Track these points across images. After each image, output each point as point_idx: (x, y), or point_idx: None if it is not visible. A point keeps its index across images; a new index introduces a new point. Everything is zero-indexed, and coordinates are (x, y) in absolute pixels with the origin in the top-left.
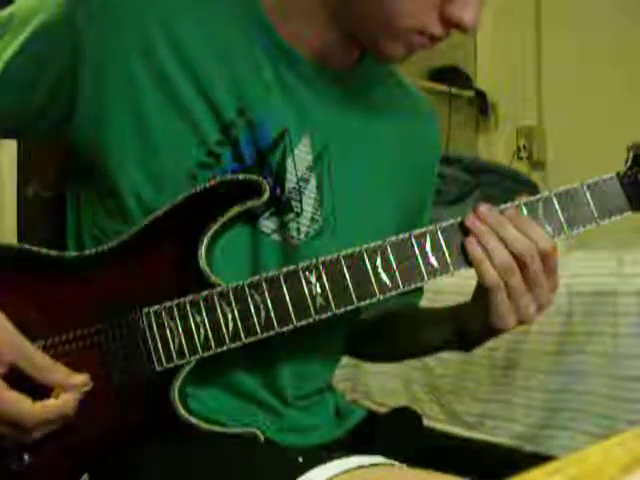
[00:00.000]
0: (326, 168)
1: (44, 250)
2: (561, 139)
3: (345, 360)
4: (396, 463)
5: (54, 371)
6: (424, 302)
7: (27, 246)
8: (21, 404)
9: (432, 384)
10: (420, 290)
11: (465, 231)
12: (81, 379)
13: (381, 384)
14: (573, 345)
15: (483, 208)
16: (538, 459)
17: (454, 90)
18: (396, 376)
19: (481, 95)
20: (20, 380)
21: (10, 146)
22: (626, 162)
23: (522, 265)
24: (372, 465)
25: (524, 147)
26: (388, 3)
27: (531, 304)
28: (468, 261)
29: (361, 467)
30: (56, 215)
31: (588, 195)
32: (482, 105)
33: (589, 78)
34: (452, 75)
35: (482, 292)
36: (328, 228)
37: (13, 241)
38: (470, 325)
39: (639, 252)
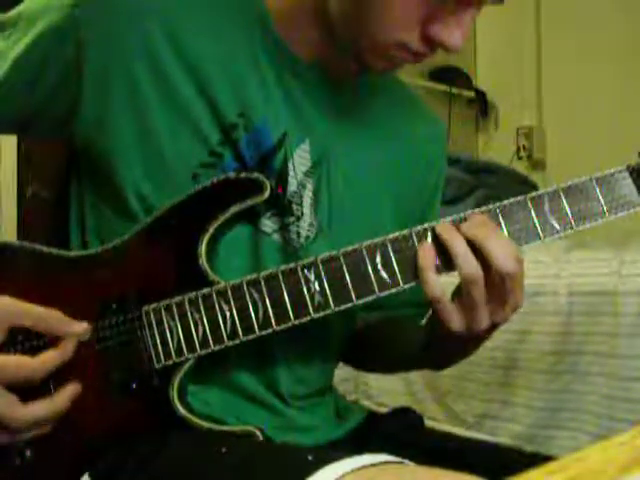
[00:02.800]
0: (325, 173)
1: (45, 248)
2: (561, 139)
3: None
4: (407, 462)
5: (54, 317)
6: None
7: (27, 244)
8: (22, 361)
9: (432, 384)
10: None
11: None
12: (83, 327)
13: (381, 384)
14: (573, 345)
15: (476, 218)
16: (538, 459)
17: (454, 90)
18: (396, 376)
19: (481, 95)
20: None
21: (10, 146)
22: (639, 155)
23: (499, 281)
24: (383, 463)
25: (524, 147)
26: (370, 16)
27: (486, 314)
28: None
29: (372, 465)
30: (56, 215)
31: (597, 189)
32: (482, 105)
33: (589, 78)
34: (452, 75)
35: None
36: (322, 233)
37: (25, 242)
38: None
39: (639, 252)
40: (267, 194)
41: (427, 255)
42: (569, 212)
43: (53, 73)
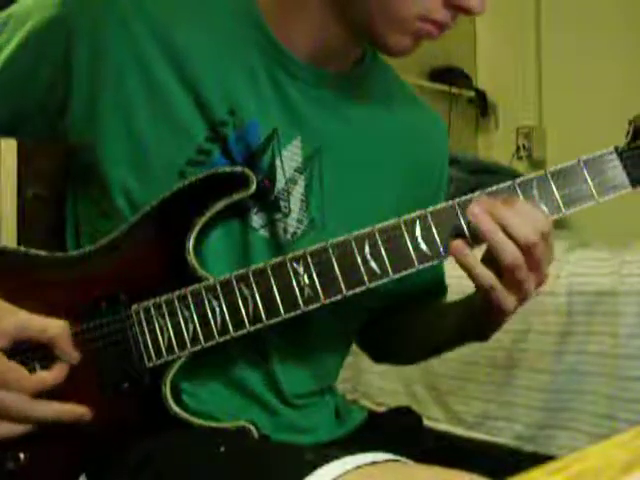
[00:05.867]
0: (317, 170)
1: (32, 250)
2: (561, 139)
3: (345, 360)
4: (408, 461)
5: (54, 327)
6: None
7: (14, 246)
8: (25, 377)
9: (432, 384)
10: (443, 290)
11: (457, 215)
12: (75, 356)
13: (381, 384)
14: (573, 345)
15: (483, 200)
16: (538, 459)
17: (454, 90)
18: (396, 376)
19: (481, 95)
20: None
21: (10, 146)
22: (626, 136)
23: (527, 252)
24: (383, 462)
25: (524, 147)
26: None
27: (532, 284)
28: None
29: (372, 464)
30: (56, 215)
31: (585, 172)
32: (482, 105)
33: (589, 78)
34: (452, 75)
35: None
36: (314, 230)
37: (13, 241)
38: (477, 312)
39: (639, 252)
40: (253, 188)
41: (464, 252)
42: (558, 196)
43: (44, 71)
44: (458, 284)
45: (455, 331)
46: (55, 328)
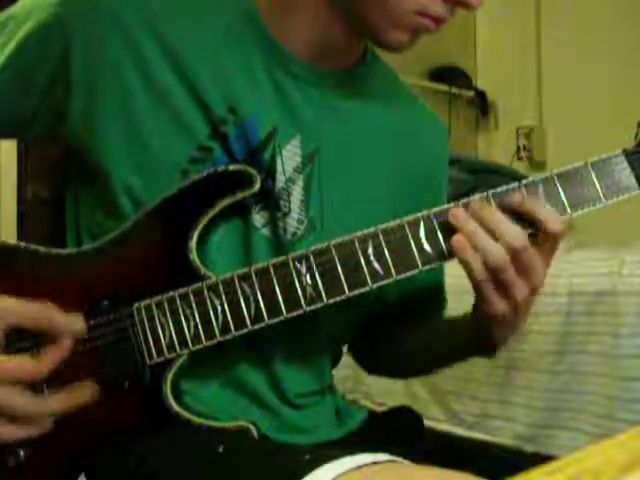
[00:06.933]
0: (316, 170)
1: (34, 246)
2: (561, 139)
3: (345, 360)
4: (405, 461)
5: (53, 314)
6: None
7: (16, 242)
8: (23, 362)
9: (432, 384)
10: (443, 302)
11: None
12: (81, 325)
13: (381, 384)
14: (573, 345)
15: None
16: (538, 459)
17: (454, 90)
18: None
19: (481, 95)
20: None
21: (10, 146)
22: (635, 137)
23: (514, 256)
24: (381, 462)
25: (524, 147)
26: None
27: (522, 289)
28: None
29: (370, 464)
30: (56, 215)
31: (593, 174)
32: (482, 105)
33: (589, 78)
34: (452, 75)
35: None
36: (313, 230)
37: (13, 241)
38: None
39: (639, 252)
40: (257, 187)
41: (465, 248)
42: (564, 197)
43: (44, 71)
44: (458, 284)
45: (457, 346)
46: (44, 311)
